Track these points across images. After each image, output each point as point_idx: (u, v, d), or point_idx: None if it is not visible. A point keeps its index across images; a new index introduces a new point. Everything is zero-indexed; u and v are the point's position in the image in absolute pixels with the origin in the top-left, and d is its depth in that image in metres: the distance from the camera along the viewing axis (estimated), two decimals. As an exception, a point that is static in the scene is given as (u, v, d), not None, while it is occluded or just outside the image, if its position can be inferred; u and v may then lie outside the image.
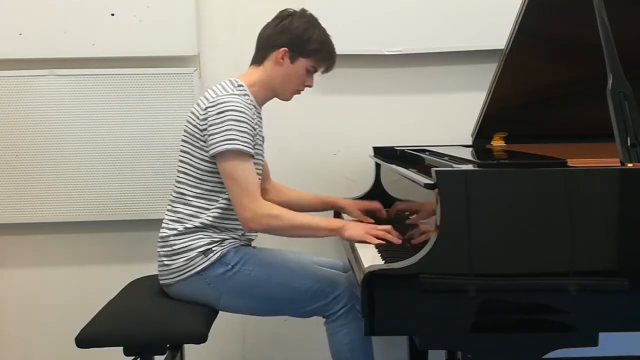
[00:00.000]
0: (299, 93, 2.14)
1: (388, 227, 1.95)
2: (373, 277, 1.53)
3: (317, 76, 2.17)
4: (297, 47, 2.04)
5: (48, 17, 2.57)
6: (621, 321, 1.58)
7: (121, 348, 1.88)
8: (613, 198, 1.59)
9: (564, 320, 1.56)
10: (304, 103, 2.69)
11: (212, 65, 2.64)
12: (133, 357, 1.89)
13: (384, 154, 2.52)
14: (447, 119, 2.69)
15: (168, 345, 1.96)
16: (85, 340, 1.85)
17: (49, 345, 2.72)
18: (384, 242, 1.90)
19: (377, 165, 2.55)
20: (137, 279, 2.26)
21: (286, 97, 2.14)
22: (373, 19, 2.63)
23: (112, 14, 2.59)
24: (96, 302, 2.04)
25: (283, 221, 1.96)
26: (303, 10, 2.10)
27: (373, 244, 1.89)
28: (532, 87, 2.26)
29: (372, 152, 2.58)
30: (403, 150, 2.41)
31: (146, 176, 2.61)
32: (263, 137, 2.16)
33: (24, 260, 2.73)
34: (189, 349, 2.12)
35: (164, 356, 1.97)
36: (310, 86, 2.13)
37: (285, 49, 2.04)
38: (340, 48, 2.63)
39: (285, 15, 2.08)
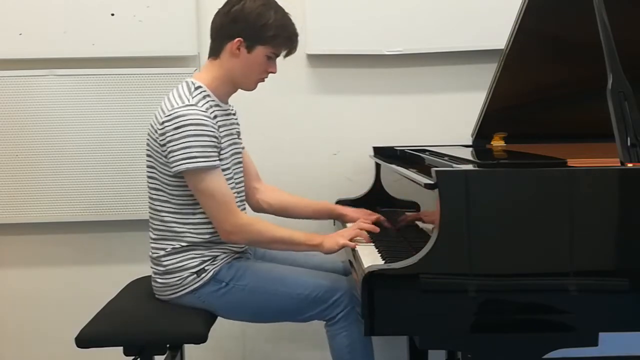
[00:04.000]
0: (263, 81, 2.03)
1: (357, 224, 2.04)
2: (373, 277, 1.53)
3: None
4: (253, 35, 1.91)
5: (48, 17, 2.57)
6: (621, 321, 1.58)
7: (121, 348, 1.87)
8: (613, 198, 1.59)
9: (564, 320, 1.55)
10: (304, 103, 2.71)
11: (212, 65, 2.64)
12: (133, 357, 1.88)
13: (384, 154, 2.52)
14: (447, 119, 2.69)
15: (168, 345, 1.95)
16: (85, 340, 1.84)
17: (49, 345, 2.72)
18: (363, 240, 1.96)
19: (377, 165, 2.55)
20: (137, 279, 2.26)
21: (249, 88, 2.02)
22: (373, 19, 2.62)
23: (112, 14, 2.59)
24: (96, 302, 2.04)
25: (263, 236, 1.94)
26: None
27: (353, 247, 1.91)
28: (532, 87, 2.26)
29: (372, 152, 2.58)
30: (403, 150, 2.41)
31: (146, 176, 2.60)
32: (238, 132, 2.12)
33: (24, 260, 2.73)
34: (189, 349, 2.12)
35: (164, 356, 1.97)
36: (273, 72, 2.00)
37: (240, 39, 1.91)
38: (340, 48, 2.65)
39: (237, 0, 1.95)
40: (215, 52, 2.00)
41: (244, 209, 2.11)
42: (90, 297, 2.23)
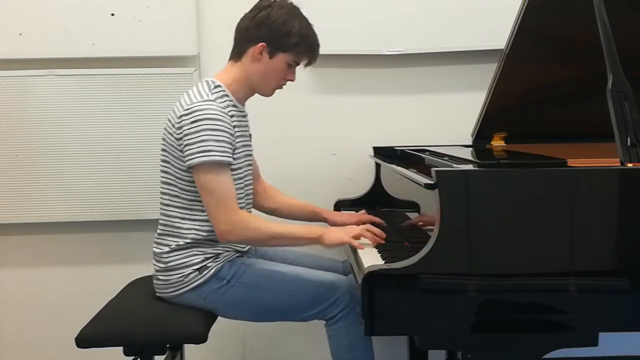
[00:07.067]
0: (281, 88, 2.04)
1: (366, 225, 1.94)
2: (373, 277, 1.53)
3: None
4: (276, 41, 1.94)
5: (48, 17, 2.57)
6: (621, 321, 1.59)
7: (121, 348, 1.88)
8: (613, 198, 1.59)
9: (564, 320, 1.56)
10: (304, 103, 2.71)
11: (212, 65, 2.63)
12: (133, 357, 1.88)
13: (384, 154, 2.52)
14: (447, 119, 2.69)
15: (168, 345, 1.96)
16: (85, 340, 1.85)
17: (49, 345, 2.72)
18: (370, 242, 1.89)
19: (377, 165, 2.55)
20: (136, 279, 2.26)
21: (267, 94, 2.04)
22: (373, 19, 2.62)
23: (112, 14, 2.59)
24: (96, 302, 2.04)
25: (260, 233, 1.91)
26: (283, 0, 1.98)
27: (355, 246, 1.87)
28: (532, 87, 2.26)
29: (372, 152, 2.58)
30: (403, 150, 2.41)
31: (146, 176, 2.61)
32: (250, 135, 2.12)
33: (24, 260, 2.73)
34: (189, 349, 2.12)
35: (164, 356, 1.97)
36: (292, 80, 2.03)
37: (263, 44, 1.94)
38: (340, 48, 2.65)
39: (264, 6, 1.96)
40: (237, 55, 2.01)
41: (250, 210, 2.12)
42: (90, 297, 2.23)
